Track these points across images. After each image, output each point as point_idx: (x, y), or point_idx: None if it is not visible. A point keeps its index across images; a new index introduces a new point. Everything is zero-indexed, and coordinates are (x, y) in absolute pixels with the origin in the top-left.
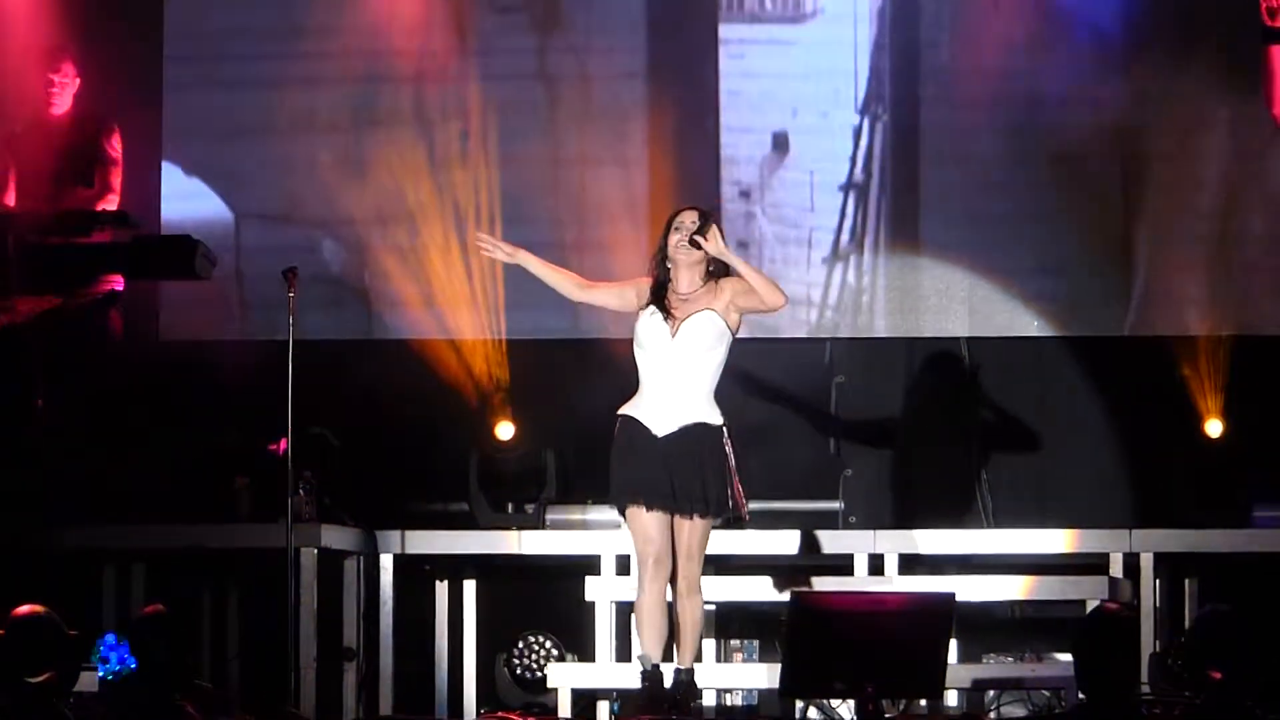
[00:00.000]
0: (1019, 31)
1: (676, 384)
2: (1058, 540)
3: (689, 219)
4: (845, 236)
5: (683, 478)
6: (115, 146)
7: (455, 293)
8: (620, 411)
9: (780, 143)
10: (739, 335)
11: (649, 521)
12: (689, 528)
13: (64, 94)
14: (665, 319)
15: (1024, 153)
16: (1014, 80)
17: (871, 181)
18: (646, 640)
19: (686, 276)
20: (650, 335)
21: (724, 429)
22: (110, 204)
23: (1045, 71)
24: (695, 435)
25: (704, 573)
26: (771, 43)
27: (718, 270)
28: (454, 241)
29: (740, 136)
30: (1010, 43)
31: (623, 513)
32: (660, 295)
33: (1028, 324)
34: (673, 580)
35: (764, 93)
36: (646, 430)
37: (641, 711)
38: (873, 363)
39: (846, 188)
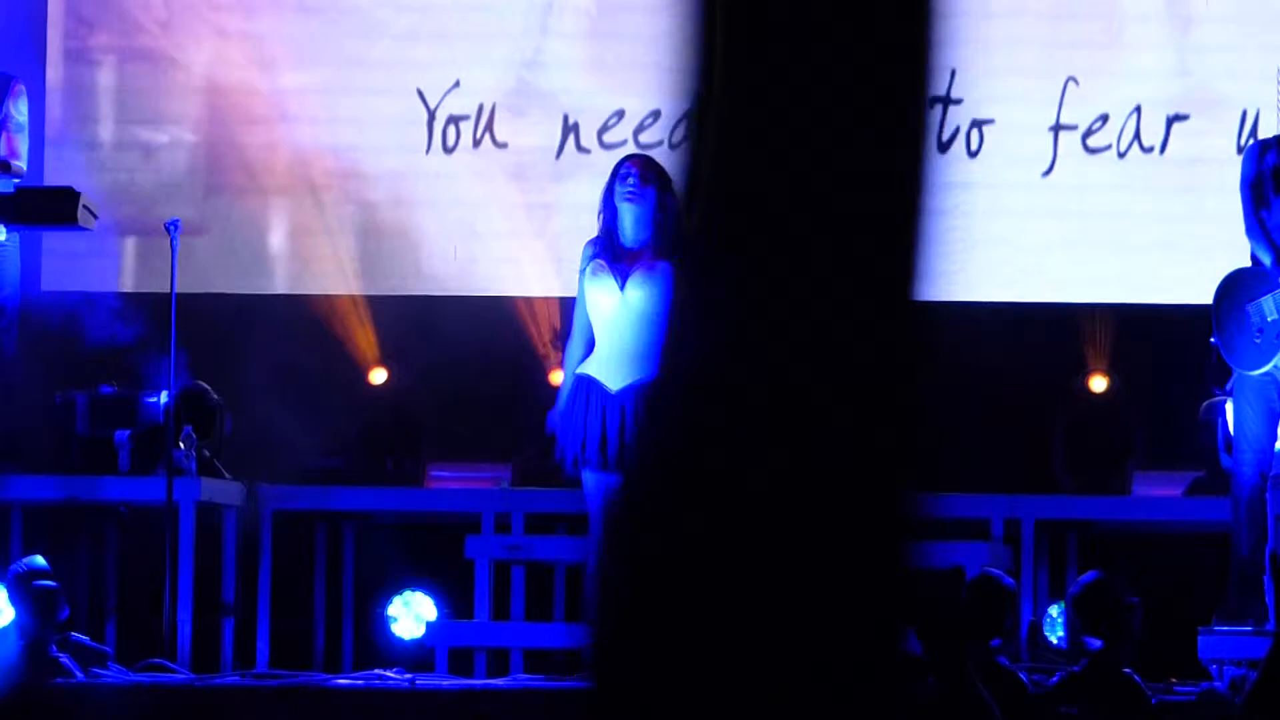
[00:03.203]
0: None
1: (629, 339)
2: (940, 504)
3: (629, 176)
4: None
5: (631, 434)
6: (19, 105)
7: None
8: (577, 371)
9: None
10: None
11: (594, 486)
12: None
13: None
14: (612, 273)
15: None
16: None
17: None
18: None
19: (633, 228)
20: (598, 292)
21: None
22: (13, 159)
23: None
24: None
25: None
26: None
27: (665, 219)
28: (320, 200)
29: None
30: None
31: (575, 473)
32: (606, 248)
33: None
34: None
35: None
36: (602, 387)
37: None
38: None
39: None
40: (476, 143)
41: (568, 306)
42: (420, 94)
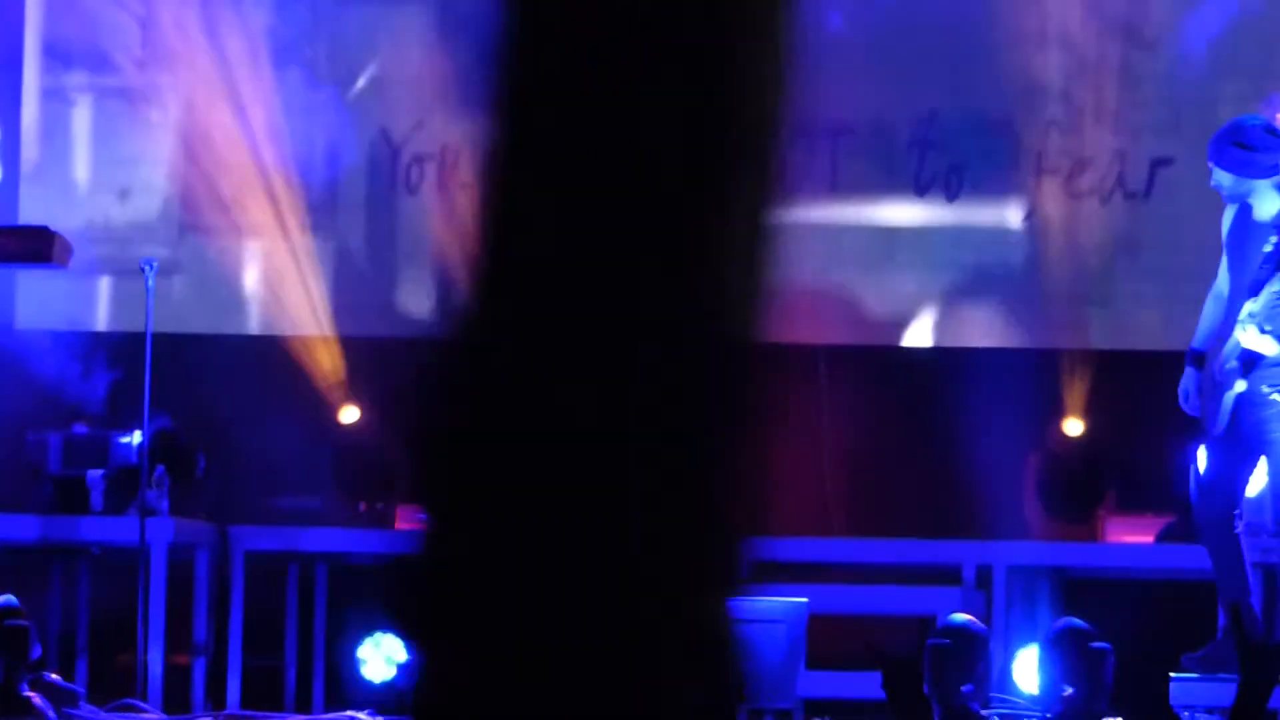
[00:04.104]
0: None
1: None
2: (912, 550)
3: None
4: None
5: None
6: None
7: (294, 290)
8: None
9: None
10: None
11: None
12: None
13: None
14: None
15: None
16: None
17: None
18: None
19: None
20: None
21: None
22: None
23: None
24: None
25: None
26: None
27: None
28: (292, 241)
29: None
30: None
31: None
32: None
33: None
34: None
35: None
36: None
37: None
38: None
39: None
40: (442, 184)
41: None
42: (385, 134)
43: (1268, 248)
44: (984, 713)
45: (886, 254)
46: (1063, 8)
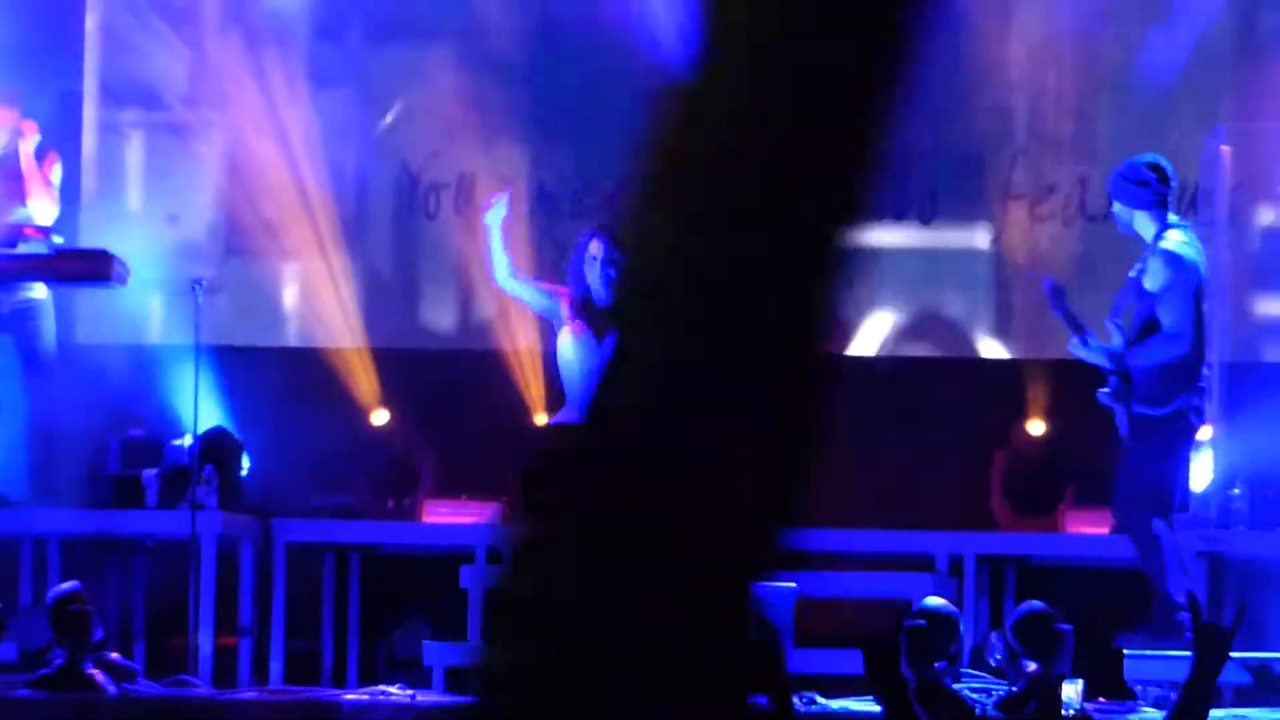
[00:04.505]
0: None
1: None
2: (890, 539)
3: (595, 248)
4: None
5: None
6: (55, 171)
7: (329, 306)
8: (552, 421)
9: None
10: None
11: None
12: None
13: (5, 131)
14: (589, 333)
15: None
16: None
17: None
18: None
19: (607, 294)
20: (577, 349)
21: None
22: (45, 222)
23: None
24: None
25: None
26: None
27: None
28: (327, 261)
29: None
30: None
31: None
32: (582, 311)
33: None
34: None
35: None
36: None
37: None
38: None
39: None
40: (458, 210)
41: (549, 359)
42: (405, 165)
43: (1132, 272)
44: (955, 687)
45: (867, 273)
46: (1027, 49)
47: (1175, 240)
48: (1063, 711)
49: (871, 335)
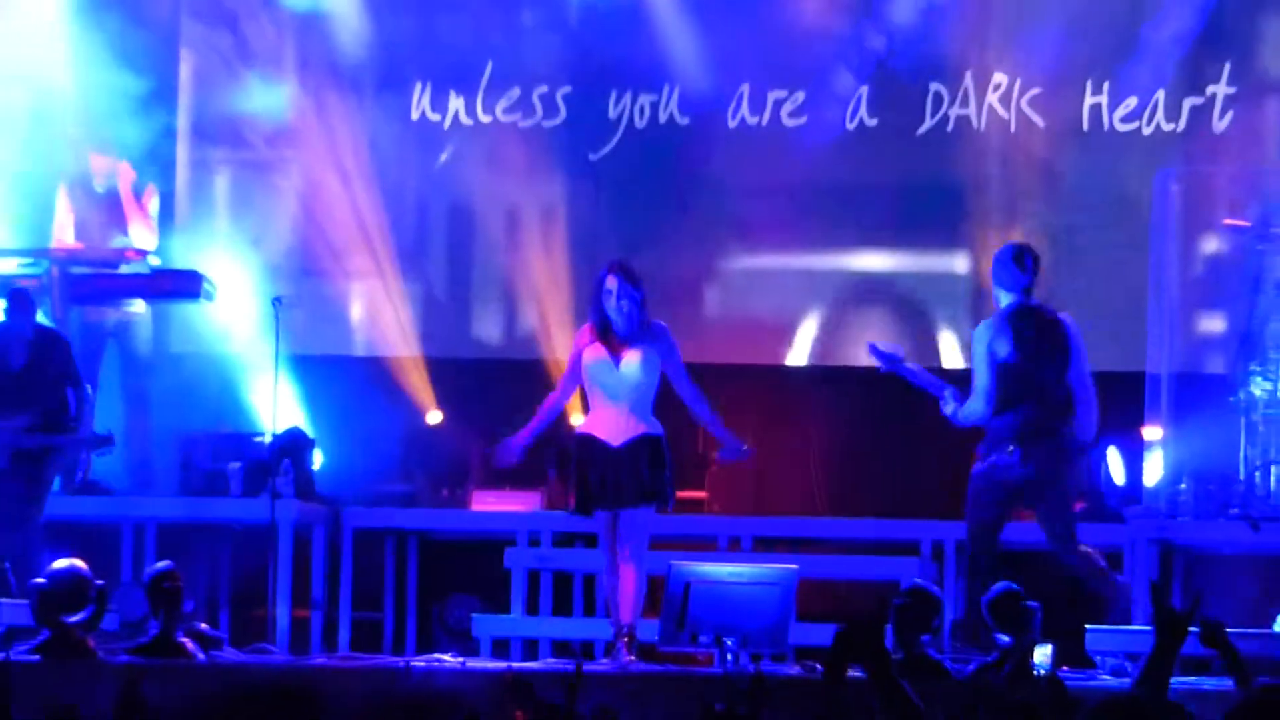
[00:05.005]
0: None
1: (624, 405)
2: (880, 528)
3: (611, 283)
4: None
5: (630, 477)
6: (152, 201)
7: (390, 320)
8: (578, 430)
9: None
10: None
11: (604, 519)
12: (631, 515)
13: (111, 170)
14: (609, 356)
15: None
16: None
17: None
18: (623, 600)
19: (624, 324)
20: (598, 370)
21: (663, 438)
22: (146, 246)
23: None
24: (644, 444)
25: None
26: None
27: (643, 311)
28: (388, 281)
29: None
30: None
31: (581, 510)
32: (602, 335)
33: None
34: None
35: None
36: (605, 444)
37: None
38: None
39: None
40: (507, 235)
41: None
42: (457, 196)
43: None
44: (938, 656)
45: (858, 294)
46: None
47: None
48: (1034, 673)
49: (860, 348)
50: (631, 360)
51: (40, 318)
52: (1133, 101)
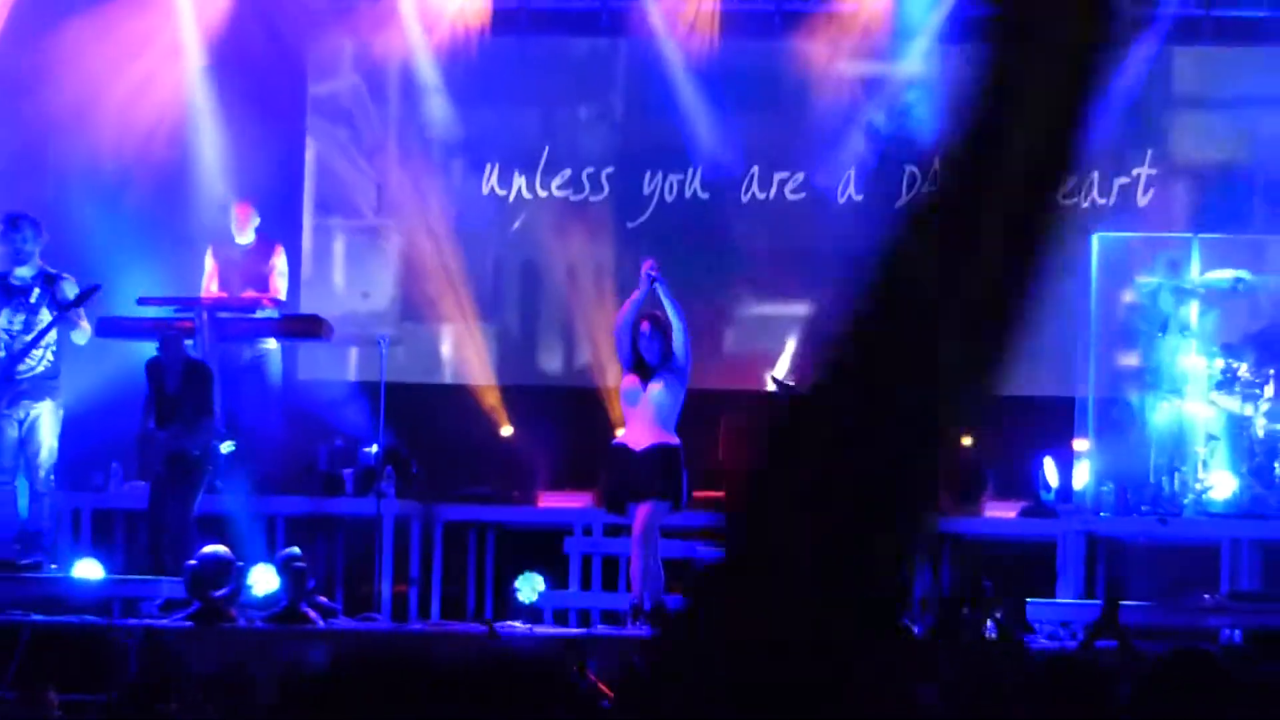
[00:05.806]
0: None
1: (648, 421)
2: None
3: (644, 327)
4: None
5: (652, 477)
6: (280, 259)
7: (472, 354)
8: (615, 441)
9: None
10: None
11: (632, 508)
12: (651, 509)
13: (248, 227)
14: (639, 383)
15: None
16: None
17: None
18: (635, 577)
19: (651, 358)
20: (630, 393)
21: (680, 448)
22: (277, 295)
23: None
24: (663, 451)
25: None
26: None
27: (667, 347)
28: (469, 324)
29: None
30: None
31: (615, 508)
32: (633, 368)
33: None
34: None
35: None
36: (631, 450)
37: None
38: None
39: None
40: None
41: None
42: (528, 256)
43: None
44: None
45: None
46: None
47: None
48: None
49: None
50: (656, 386)
51: (190, 352)
52: (1073, 181)
